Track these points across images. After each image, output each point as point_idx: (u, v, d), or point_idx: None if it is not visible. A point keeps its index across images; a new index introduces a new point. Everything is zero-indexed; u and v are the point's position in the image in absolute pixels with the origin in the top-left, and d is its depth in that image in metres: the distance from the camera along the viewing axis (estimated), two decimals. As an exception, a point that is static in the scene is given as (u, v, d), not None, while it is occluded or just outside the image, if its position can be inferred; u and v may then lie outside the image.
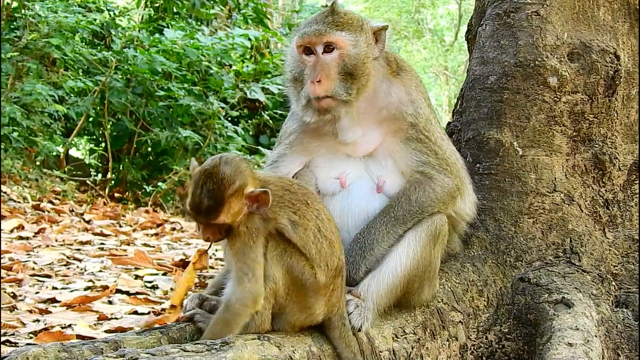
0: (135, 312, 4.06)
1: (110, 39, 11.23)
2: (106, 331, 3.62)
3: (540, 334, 3.08)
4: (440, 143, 3.07)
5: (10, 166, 8.97)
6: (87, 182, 10.72)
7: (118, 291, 4.49)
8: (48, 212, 8.14)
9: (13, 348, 3.11)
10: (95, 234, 7.19)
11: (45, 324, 3.68)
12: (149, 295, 4.51)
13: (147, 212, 9.71)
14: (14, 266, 5.00)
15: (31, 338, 3.44)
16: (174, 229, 8.39)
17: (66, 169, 10.65)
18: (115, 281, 4.71)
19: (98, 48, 10.98)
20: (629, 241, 3.55)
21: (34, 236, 6.56)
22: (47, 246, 6.04)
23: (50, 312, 3.94)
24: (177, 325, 2.69)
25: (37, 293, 4.36)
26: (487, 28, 3.70)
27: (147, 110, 10.76)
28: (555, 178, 3.50)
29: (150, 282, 4.90)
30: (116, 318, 3.91)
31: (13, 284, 4.52)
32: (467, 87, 3.75)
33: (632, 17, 3.71)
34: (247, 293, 2.47)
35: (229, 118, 11.66)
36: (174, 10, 12.29)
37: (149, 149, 11.50)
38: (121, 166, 11.23)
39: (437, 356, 3.04)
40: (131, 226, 8.22)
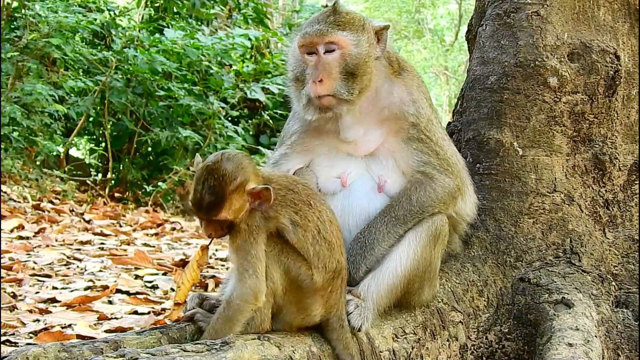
0: (135, 312, 4.06)
1: (110, 39, 11.23)
2: (106, 331, 3.62)
3: (540, 334, 3.08)
4: (441, 143, 3.07)
5: (10, 166, 8.97)
6: (87, 182, 10.72)
7: (118, 291, 4.50)
8: (48, 212, 8.15)
9: (13, 348, 3.11)
10: (95, 234, 7.19)
11: (45, 324, 3.68)
12: (149, 295, 4.51)
13: (147, 212, 9.72)
14: (14, 266, 5.00)
15: (31, 338, 3.44)
16: (174, 229, 8.39)
17: (66, 169, 10.65)
18: (115, 281, 4.71)
19: (98, 48, 10.98)
20: (629, 241, 3.55)
21: (34, 236, 6.56)
22: (47, 246, 6.04)
23: (50, 312, 3.95)
24: (177, 325, 2.69)
25: (37, 293, 4.36)
26: (488, 28, 3.70)
27: (147, 110, 10.77)
28: (555, 178, 3.50)
29: (150, 282, 4.90)
30: (116, 318, 3.91)
31: (13, 284, 4.52)
32: (468, 87, 3.75)
33: (632, 17, 3.71)
34: (248, 289, 2.47)
35: (229, 118, 11.66)
36: (174, 10, 12.29)
37: (149, 149, 11.50)
38: (121, 166, 11.23)
39: (437, 356, 3.04)
40: (131, 226, 8.22)
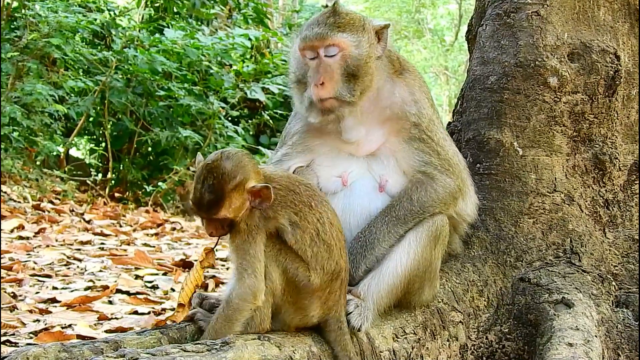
0: (135, 312, 4.06)
1: (110, 39, 11.24)
2: (106, 331, 3.62)
3: (540, 334, 3.08)
4: (442, 143, 3.07)
5: (10, 166, 8.97)
6: (88, 182, 10.72)
7: (118, 291, 4.50)
8: (48, 212, 8.15)
9: (13, 348, 3.12)
10: (95, 234, 7.19)
11: (45, 324, 3.69)
12: (149, 295, 4.51)
13: (148, 212, 9.72)
14: (14, 266, 5.00)
15: (31, 338, 3.44)
16: (174, 229, 8.40)
17: (66, 169, 10.65)
18: (115, 281, 4.71)
19: (98, 48, 10.98)
20: (629, 241, 3.55)
21: (34, 236, 6.56)
22: (47, 246, 6.04)
23: (50, 312, 3.95)
24: (177, 325, 2.69)
25: (37, 293, 4.36)
26: (488, 28, 3.70)
27: (148, 110, 10.77)
28: (555, 178, 3.50)
29: (150, 282, 4.90)
30: (116, 318, 3.91)
31: (13, 284, 4.53)
32: (468, 87, 3.75)
33: (632, 18, 3.71)
34: (247, 289, 2.47)
35: (229, 118, 11.66)
36: (174, 10, 12.29)
37: (149, 149, 11.51)
38: (121, 166, 11.23)
39: (438, 356, 3.04)
40: (131, 226, 8.23)
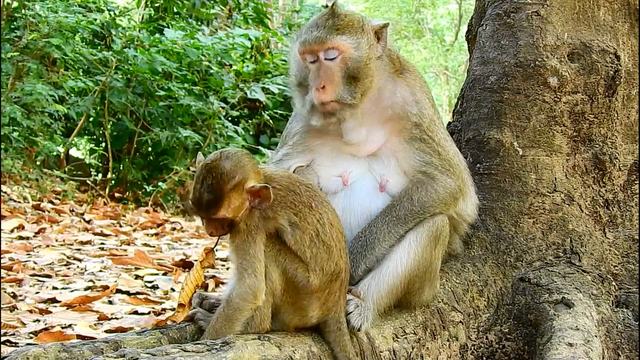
0: (135, 312, 4.06)
1: (110, 39, 11.24)
2: (106, 331, 3.62)
3: (540, 334, 3.08)
4: (443, 144, 3.07)
5: (10, 166, 8.98)
6: (88, 182, 10.73)
7: (118, 291, 4.50)
8: (48, 212, 8.15)
9: (13, 348, 3.12)
10: (95, 234, 7.20)
11: (45, 324, 3.69)
12: (149, 295, 4.51)
13: (148, 212, 9.72)
14: (14, 266, 5.00)
15: (31, 338, 3.44)
16: (174, 229, 8.40)
17: (66, 169, 10.66)
18: (115, 281, 4.71)
19: (98, 48, 10.99)
20: (629, 241, 3.55)
21: (34, 236, 6.56)
22: (47, 246, 6.04)
23: (50, 312, 3.95)
24: (177, 325, 2.69)
25: (37, 293, 4.36)
26: (488, 28, 3.70)
27: (148, 110, 10.77)
28: (555, 178, 3.50)
29: (150, 282, 4.90)
30: (116, 318, 3.91)
31: (13, 284, 4.53)
32: (468, 87, 3.75)
33: (632, 18, 3.71)
34: (247, 288, 2.47)
35: (229, 118, 11.66)
36: (174, 10, 12.30)
37: (149, 149, 11.51)
38: (121, 166, 11.23)
39: (438, 356, 3.04)
40: (131, 226, 8.23)
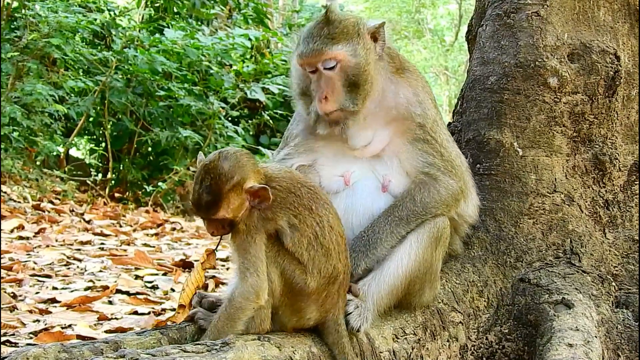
0: (135, 313, 4.06)
1: (110, 39, 11.24)
2: (106, 331, 3.62)
3: (540, 335, 3.07)
4: (446, 145, 3.07)
5: (10, 166, 8.98)
6: (88, 182, 10.73)
7: (118, 291, 4.50)
8: (48, 212, 8.15)
9: (13, 348, 3.12)
10: (95, 234, 7.20)
11: (45, 324, 3.69)
12: (149, 295, 4.51)
13: (148, 212, 9.73)
14: (14, 266, 5.01)
15: (31, 338, 3.44)
16: (174, 229, 8.40)
17: (66, 169, 10.66)
18: (115, 281, 4.71)
19: (98, 48, 10.99)
20: (629, 242, 3.55)
21: (34, 236, 6.57)
22: (47, 246, 6.05)
23: (50, 312, 3.95)
24: (177, 325, 2.68)
25: (37, 293, 4.37)
26: (488, 28, 3.70)
27: (148, 110, 10.77)
28: (555, 179, 3.50)
29: (150, 282, 4.91)
30: (116, 318, 3.92)
31: (13, 284, 4.53)
32: (468, 88, 3.75)
33: (632, 18, 3.71)
34: (250, 288, 2.47)
35: (229, 118, 11.66)
36: (175, 10, 12.30)
37: (149, 149, 11.51)
38: (121, 166, 11.24)
39: (438, 357, 3.04)
40: (131, 226, 8.23)
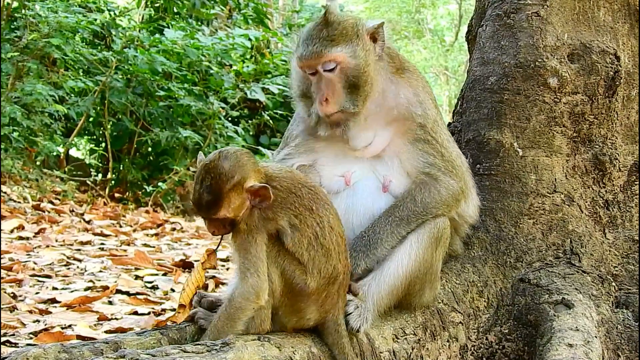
0: (135, 313, 4.06)
1: (110, 39, 11.24)
2: (106, 332, 3.62)
3: (540, 335, 3.08)
4: (446, 145, 3.07)
5: (10, 166, 8.98)
6: (87, 182, 10.73)
7: (118, 291, 4.50)
8: (48, 212, 8.15)
9: (13, 349, 3.12)
10: (95, 234, 7.20)
11: (45, 325, 3.69)
12: (149, 295, 4.51)
13: (148, 212, 9.73)
14: (14, 266, 5.01)
15: (31, 338, 3.44)
16: (174, 229, 8.40)
17: (66, 169, 10.66)
18: (115, 281, 4.71)
19: (98, 48, 10.99)
20: (629, 242, 3.55)
21: (34, 236, 6.57)
22: (47, 246, 6.05)
23: (50, 313, 3.95)
24: (177, 325, 2.69)
25: (37, 293, 4.36)
26: (488, 29, 3.70)
27: (148, 110, 10.77)
28: (555, 179, 3.50)
29: (150, 283, 4.91)
30: (116, 318, 3.92)
31: (13, 284, 4.53)
32: (468, 88, 3.75)
33: (632, 18, 3.71)
34: (250, 288, 2.47)
35: (229, 118, 11.66)
36: (175, 10, 12.30)
37: (149, 149, 11.51)
38: (121, 166, 11.24)
39: (438, 357, 3.04)
40: (131, 226, 8.23)
